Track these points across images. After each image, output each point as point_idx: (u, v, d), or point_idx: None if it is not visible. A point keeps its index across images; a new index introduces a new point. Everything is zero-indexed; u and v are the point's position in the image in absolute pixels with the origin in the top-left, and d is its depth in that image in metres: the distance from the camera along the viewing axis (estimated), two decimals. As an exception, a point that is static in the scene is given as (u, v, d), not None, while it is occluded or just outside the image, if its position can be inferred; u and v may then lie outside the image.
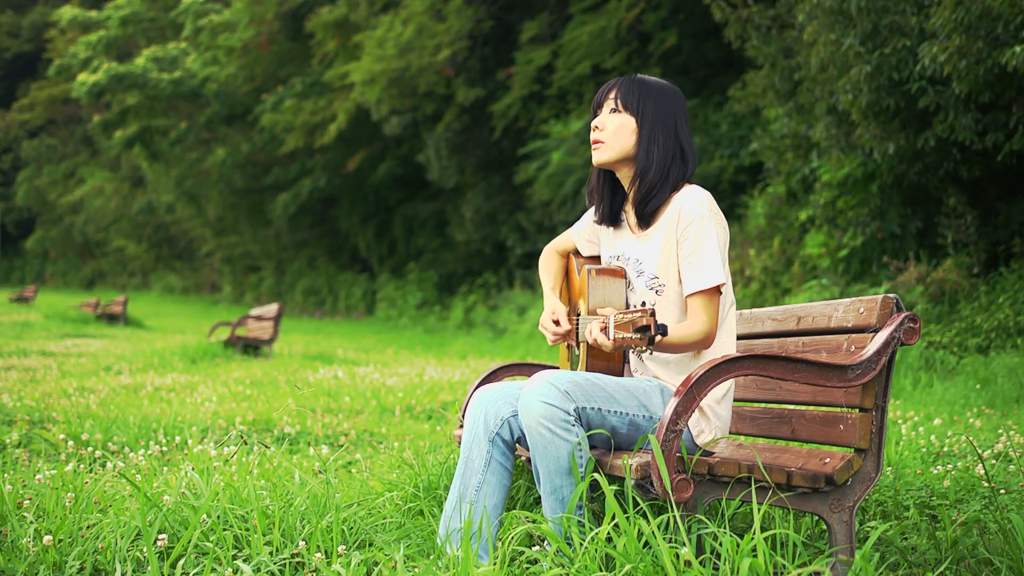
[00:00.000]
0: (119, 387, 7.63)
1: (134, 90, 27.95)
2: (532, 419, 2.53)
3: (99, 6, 37.52)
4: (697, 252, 2.65)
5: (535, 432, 2.53)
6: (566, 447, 2.51)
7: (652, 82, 2.82)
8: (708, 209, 2.67)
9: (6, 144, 50.10)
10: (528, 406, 2.54)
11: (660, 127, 2.76)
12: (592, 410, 2.57)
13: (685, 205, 2.69)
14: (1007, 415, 5.56)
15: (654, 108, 2.77)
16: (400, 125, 21.32)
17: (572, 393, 2.54)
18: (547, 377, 2.56)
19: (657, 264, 2.74)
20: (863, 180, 9.21)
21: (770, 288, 10.90)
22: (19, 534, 2.70)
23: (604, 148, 2.80)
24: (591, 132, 2.84)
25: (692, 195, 2.70)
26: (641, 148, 2.76)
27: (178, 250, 41.52)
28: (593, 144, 2.83)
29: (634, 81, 2.81)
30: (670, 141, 2.77)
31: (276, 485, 3.05)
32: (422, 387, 7.86)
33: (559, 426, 2.51)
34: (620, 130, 2.78)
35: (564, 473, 2.53)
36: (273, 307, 12.23)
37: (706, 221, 2.66)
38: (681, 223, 2.69)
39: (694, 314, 2.66)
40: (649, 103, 2.77)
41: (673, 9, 16.38)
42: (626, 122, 2.78)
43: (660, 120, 2.77)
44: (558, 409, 2.51)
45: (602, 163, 2.82)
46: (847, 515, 2.46)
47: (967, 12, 7.00)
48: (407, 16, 19.42)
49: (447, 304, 21.90)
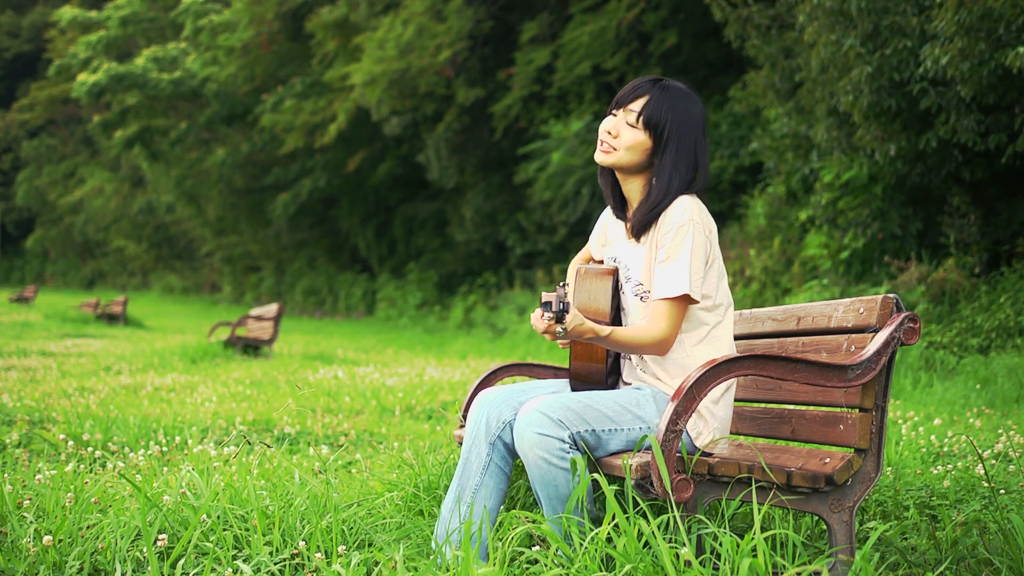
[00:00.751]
0: (119, 387, 7.62)
1: (134, 90, 27.95)
2: (528, 449, 2.52)
3: (99, 6, 37.52)
4: (670, 259, 2.62)
5: (532, 463, 2.52)
6: (564, 475, 2.51)
7: (680, 97, 2.71)
8: (690, 217, 2.62)
9: (6, 144, 50.10)
10: (522, 436, 2.53)
11: (681, 154, 2.68)
12: (587, 432, 2.55)
13: (670, 212, 2.66)
14: (1007, 415, 5.56)
15: (677, 132, 2.68)
16: (400, 125, 21.32)
17: (565, 420, 2.52)
18: (538, 407, 2.54)
19: (641, 271, 2.73)
20: (866, 182, 9.21)
21: (770, 288, 10.90)
22: (19, 534, 2.70)
23: (612, 155, 2.73)
24: (602, 131, 2.76)
25: (678, 204, 2.65)
26: (661, 176, 2.68)
27: (178, 250, 41.52)
28: (601, 144, 2.76)
29: (663, 95, 2.69)
30: (690, 168, 2.69)
31: (276, 485, 3.05)
32: (422, 387, 7.86)
33: (555, 455, 2.50)
34: (634, 147, 2.71)
35: (564, 500, 2.53)
36: (273, 307, 12.23)
37: (685, 229, 2.61)
38: (662, 230, 2.66)
39: (653, 319, 2.63)
40: (673, 126, 2.68)
41: (673, 9, 16.38)
42: (642, 141, 2.70)
43: (682, 145, 2.68)
44: (552, 439, 2.50)
45: (606, 165, 2.77)
46: (847, 515, 2.46)
47: (969, 13, 6.99)
48: (407, 16, 19.42)
49: (447, 304, 21.90)
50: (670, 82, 2.75)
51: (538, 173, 17.45)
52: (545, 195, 17.14)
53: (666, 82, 2.74)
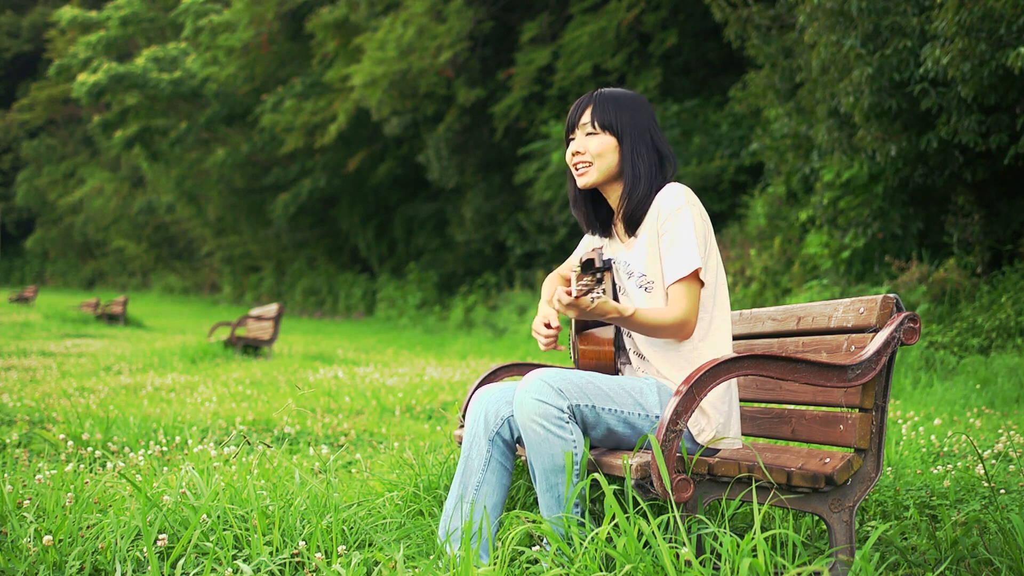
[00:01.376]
0: (119, 387, 7.63)
1: (134, 90, 27.96)
2: (526, 416, 2.54)
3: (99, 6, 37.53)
4: (675, 242, 2.68)
5: (529, 430, 2.54)
6: (560, 444, 2.52)
7: (621, 95, 2.83)
8: (684, 200, 2.70)
9: (6, 144, 50.10)
10: (522, 404, 2.55)
11: (640, 141, 2.79)
12: (587, 407, 2.58)
13: (663, 201, 2.72)
14: (1007, 415, 5.56)
15: (630, 123, 2.80)
16: (400, 125, 21.33)
17: (566, 390, 2.55)
18: (541, 375, 2.57)
19: (644, 263, 2.76)
20: (867, 181, 9.20)
21: (770, 288, 10.90)
22: (19, 534, 2.70)
23: (591, 171, 2.81)
24: (569, 159, 2.85)
25: (668, 191, 2.73)
26: (627, 166, 2.79)
27: (178, 250, 41.52)
28: (576, 168, 2.84)
29: (605, 98, 2.82)
30: (651, 152, 2.80)
31: (276, 485, 3.05)
32: (422, 387, 7.86)
33: (553, 423, 2.52)
34: (602, 151, 2.79)
35: (559, 470, 2.53)
36: (273, 307, 12.23)
37: (682, 211, 2.69)
38: (660, 218, 2.72)
39: (673, 301, 2.67)
40: (624, 118, 2.80)
41: (673, 9, 16.38)
42: (606, 142, 2.80)
43: (638, 134, 2.80)
44: (551, 406, 2.52)
45: (588, 186, 2.84)
46: (847, 515, 2.46)
47: (969, 14, 6.98)
48: (407, 17, 19.41)
49: (447, 304, 21.91)
50: (606, 88, 2.89)
51: (538, 173, 17.45)
52: (545, 195, 17.15)
53: (602, 89, 2.88)
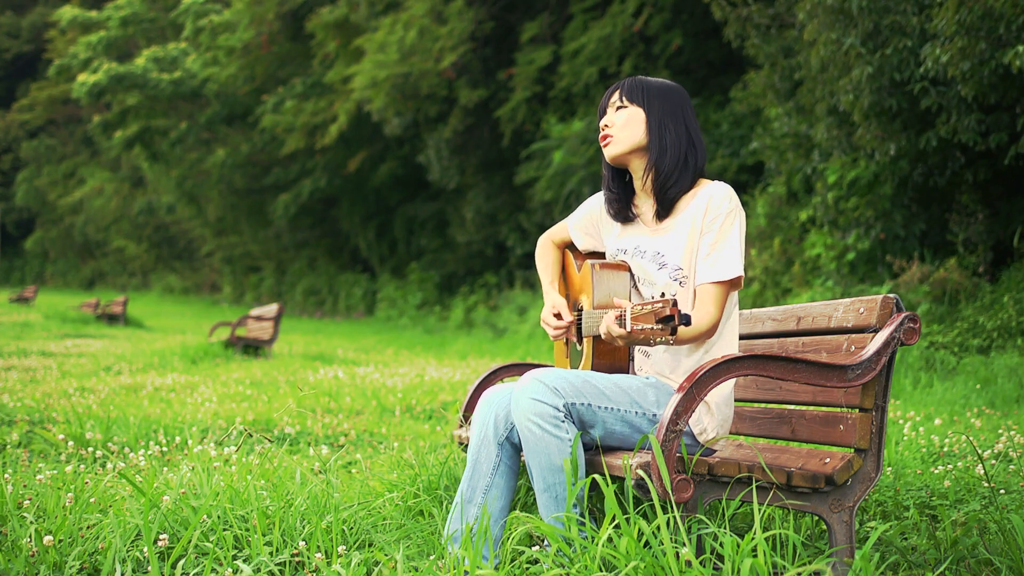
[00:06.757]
0: (119, 387, 7.63)
1: (134, 90, 27.95)
2: (522, 416, 2.53)
3: (99, 6, 37.51)
4: (720, 243, 2.66)
5: (525, 430, 2.54)
6: (556, 443, 2.51)
7: (655, 80, 2.85)
8: (736, 204, 2.70)
9: (6, 144, 50.11)
10: (518, 404, 2.55)
11: (669, 116, 2.78)
12: (583, 406, 2.57)
13: (715, 198, 2.69)
14: (1007, 415, 5.55)
15: (660, 98, 2.79)
16: (401, 126, 21.32)
17: (561, 389, 2.54)
18: (537, 375, 2.57)
19: (682, 256, 2.73)
20: (870, 181, 9.19)
21: (771, 288, 10.89)
22: (19, 534, 2.70)
23: (615, 141, 2.80)
24: (600, 132, 2.84)
25: (722, 189, 2.71)
26: (653, 136, 2.77)
27: (178, 250, 41.52)
28: (602, 140, 2.83)
29: (637, 79, 2.83)
30: (681, 128, 2.78)
31: (276, 485, 3.05)
32: (422, 387, 7.86)
33: (549, 423, 2.51)
34: (629, 122, 2.79)
35: (556, 470, 2.53)
36: (273, 307, 12.22)
37: (733, 215, 2.68)
38: (708, 215, 2.69)
39: (703, 303, 2.65)
40: (654, 93, 2.80)
41: (675, 10, 16.37)
42: (634, 113, 2.79)
43: (668, 110, 2.79)
44: (547, 406, 2.51)
45: (614, 156, 2.81)
46: (847, 515, 2.46)
47: (969, 13, 6.98)
48: (408, 19, 19.39)
49: (447, 304, 21.90)
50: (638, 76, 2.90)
51: (539, 173, 17.44)
52: (547, 195, 17.13)
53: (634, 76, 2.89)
